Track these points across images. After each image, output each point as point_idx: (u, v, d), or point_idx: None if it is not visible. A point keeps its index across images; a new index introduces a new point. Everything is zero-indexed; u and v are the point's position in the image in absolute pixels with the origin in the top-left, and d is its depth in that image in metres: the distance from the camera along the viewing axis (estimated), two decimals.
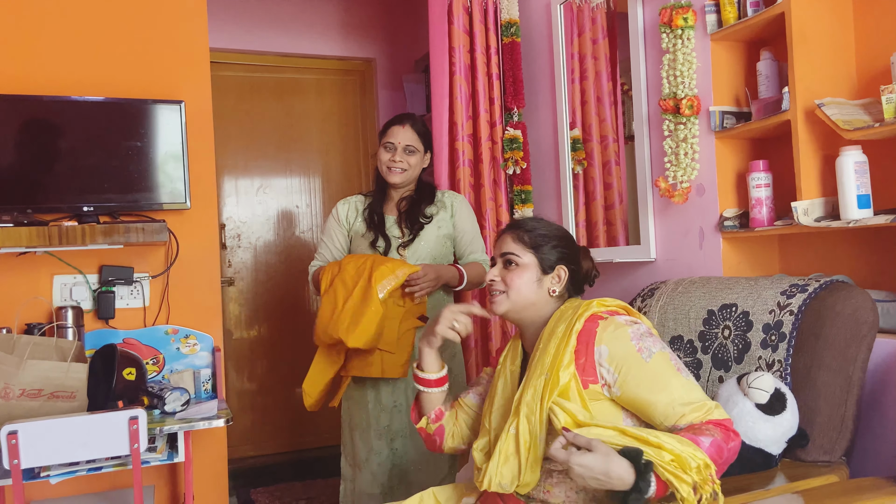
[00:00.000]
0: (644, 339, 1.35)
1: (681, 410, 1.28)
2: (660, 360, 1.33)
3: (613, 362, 1.34)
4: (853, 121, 1.71)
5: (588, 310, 1.42)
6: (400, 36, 4.28)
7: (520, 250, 1.51)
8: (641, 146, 2.41)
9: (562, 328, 1.42)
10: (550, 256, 1.51)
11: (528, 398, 1.38)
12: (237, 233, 4.03)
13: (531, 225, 1.55)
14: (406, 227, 2.29)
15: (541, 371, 1.38)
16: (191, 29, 2.62)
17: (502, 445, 1.39)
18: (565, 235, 1.56)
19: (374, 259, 2.17)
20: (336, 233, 2.36)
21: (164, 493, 2.56)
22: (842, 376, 1.53)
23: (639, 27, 2.40)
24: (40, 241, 2.22)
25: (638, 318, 1.45)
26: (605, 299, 1.47)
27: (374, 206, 2.34)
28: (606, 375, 1.35)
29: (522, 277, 1.50)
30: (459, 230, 2.35)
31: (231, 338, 3.97)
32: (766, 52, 2.00)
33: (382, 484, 2.25)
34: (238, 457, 3.84)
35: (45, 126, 2.38)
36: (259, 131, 4.08)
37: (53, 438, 1.85)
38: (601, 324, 1.39)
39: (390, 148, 2.31)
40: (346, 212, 2.37)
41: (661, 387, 1.31)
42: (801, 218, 1.80)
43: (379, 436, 2.25)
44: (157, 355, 2.52)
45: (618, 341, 1.35)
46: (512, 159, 2.85)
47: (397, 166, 2.29)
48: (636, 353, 1.33)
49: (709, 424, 1.26)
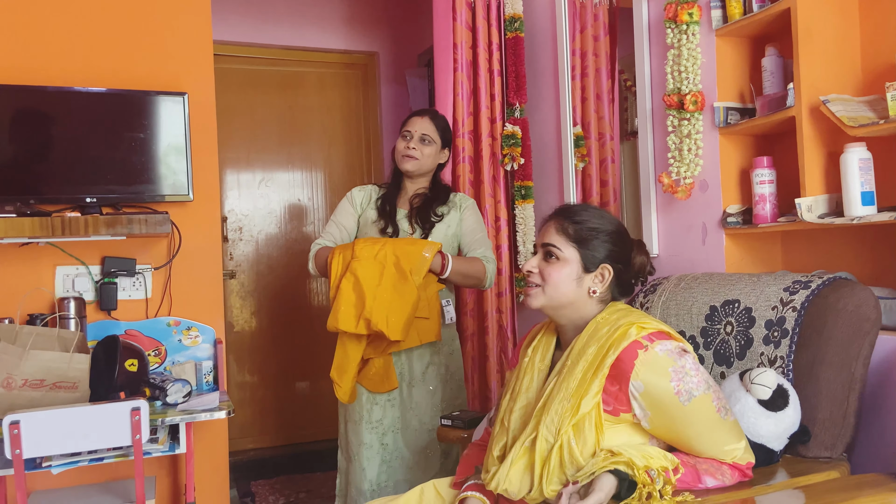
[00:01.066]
0: (686, 378, 1.27)
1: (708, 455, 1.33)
2: (699, 405, 1.27)
3: (647, 399, 1.28)
4: (858, 117, 1.71)
5: (625, 338, 1.31)
6: (403, 30, 4.28)
7: (562, 243, 1.41)
8: (645, 142, 2.41)
9: (593, 349, 1.33)
10: (596, 254, 1.40)
11: (547, 420, 1.33)
12: (239, 226, 4.03)
13: (581, 216, 1.43)
14: (417, 224, 2.29)
15: (565, 394, 1.32)
16: (195, 21, 2.62)
17: (516, 456, 1.35)
18: (617, 230, 1.44)
19: (390, 243, 2.16)
20: (347, 214, 2.35)
21: (165, 485, 2.57)
22: (844, 373, 1.53)
23: (643, 22, 2.39)
24: (43, 232, 2.22)
25: (680, 342, 1.34)
26: (644, 319, 1.35)
27: (387, 196, 2.34)
28: (638, 410, 1.30)
29: (561, 273, 1.40)
30: (465, 228, 2.34)
31: (232, 330, 3.98)
32: (771, 48, 2.00)
33: (371, 480, 2.24)
34: (239, 449, 3.85)
35: (49, 117, 2.38)
36: (261, 124, 4.08)
37: (55, 429, 1.85)
38: (640, 356, 1.28)
39: (407, 136, 2.32)
40: (361, 198, 2.37)
41: (694, 433, 1.30)
42: (804, 214, 1.79)
43: (371, 429, 2.25)
44: (158, 347, 2.52)
45: (656, 380, 1.27)
46: (509, 155, 2.85)
47: (411, 153, 2.29)
48: (673, 395, 1.26)
49: (724, 466, 1.32)
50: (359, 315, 2.10)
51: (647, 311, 1.93)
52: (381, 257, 2.13)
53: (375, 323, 2.07)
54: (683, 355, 1.30)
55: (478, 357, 2.91)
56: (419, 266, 2.12)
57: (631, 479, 1.24)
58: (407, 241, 2.19)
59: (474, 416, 2.11)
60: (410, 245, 2.16)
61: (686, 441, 1.32)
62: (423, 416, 2.27)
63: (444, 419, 2.14)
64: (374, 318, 2.07)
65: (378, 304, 2.08)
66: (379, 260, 2.12)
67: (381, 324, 2.07)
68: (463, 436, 2.05)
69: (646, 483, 1.24)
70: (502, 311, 2.88)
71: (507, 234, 2.90)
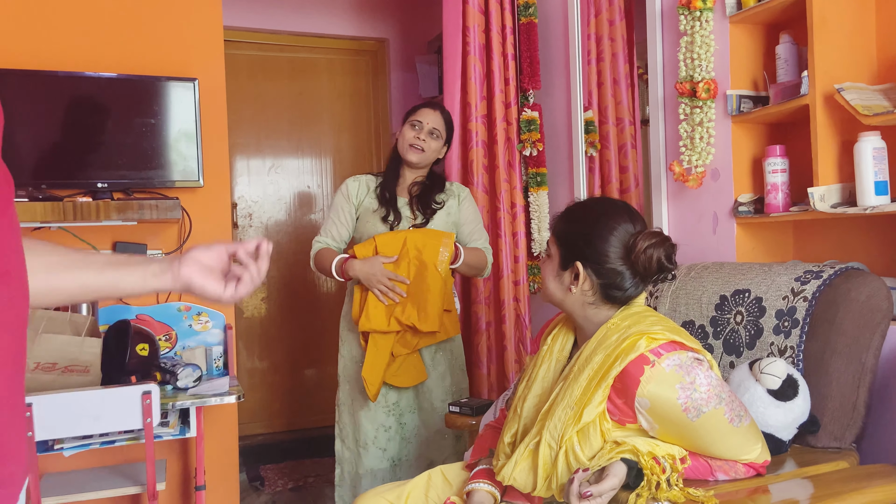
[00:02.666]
0: (695, 394, 1.22)
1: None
2: (710, 419, 1.24)
3: (654, 415, 1.26)
4: (873, 106, 1.69)
5: (633, 350, 1.25)
6: (413, 16, 4.25)
7: (552, 240, 1.42)
8: (656, 130, 2.39)
9: (599, 358, 1.30)
10: (570, 251, 1.37)
11: (550, 426, 1.31)
12: (248, 212, 4.04)
13: (575, 213, 1.41)
14: (418, 210, 2.31)
15: (569, 401, 1.30)
16: (205, 6, 2.61)
17: (520, 456, 1.35)
18: (593, 228, 1.35)
19: (410, 237, 2.20)
20: (343, 209, 2.35)
21: (175, 468, 2.59)
22: (854, 363, 1.52)
23: (656, 9, 2.37)
24: (55, 217, 2.24)
25: (694, 350, 1.28)
26: (655, 328, 1.28)
27: (386, 184, 2.34)
28: (645, 423, 1.28)
29: (546, 269, 1.42)
30: (463, 219, 2.37)
31: (242, 316, 4.00)
32: (785, 35, 1.98)
33: (392, 458, 2.31)
34: (248, 434, 3.88)
35: (60, 102, 2.39)
36: (271, 111, 4.08)
37: (67, 411, 1.87)
38: (647, 372, 1.23)
39: (416, 126, 2.31)
40: (356, 189, 2.36)
41: (707, 443, 1.28)
42: (817, 204, 1.78)
43: (388, 412, 2.30)
44: (169, 332, 2.54)
45: (663, 398, 1.23)
46: (529, 141, 2.84)
47: (419, 145, 2.29)
48: (681, 412, 1.23)
49: (738, 464, 1.31)
50: (390, 313, 2.17)
51: (657, 300, 1.93)
52: (405, 252, 2.18)
53: (408, 317, 2.14)
54: (694, 367, 1.24)
55: (495, 347, 2.89)
56: (440, 258, 2.18)
57: (639, 469, 1.24)
58: (424, 234, 2.22)
59: (482, 403, 2.12)
60: (429, 238, 2.20)
61: (698, 449, 1.31)
62: (435, 401, 2.33)
63: (452, 406, 2.16)
64: (406, 314, 2.14)
65: (409, 299, 2.16)
66: (403, 255, 2.18)
67: (414, 318, 2.14)
68: (471, 422, 2.06)
69: (653, 469, 1.24)
70: (519, 299, 2.87)
71: (523, 220, 2.89)
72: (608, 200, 1.52)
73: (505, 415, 1.63)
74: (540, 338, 1.57)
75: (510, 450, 1.42)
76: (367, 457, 2.31)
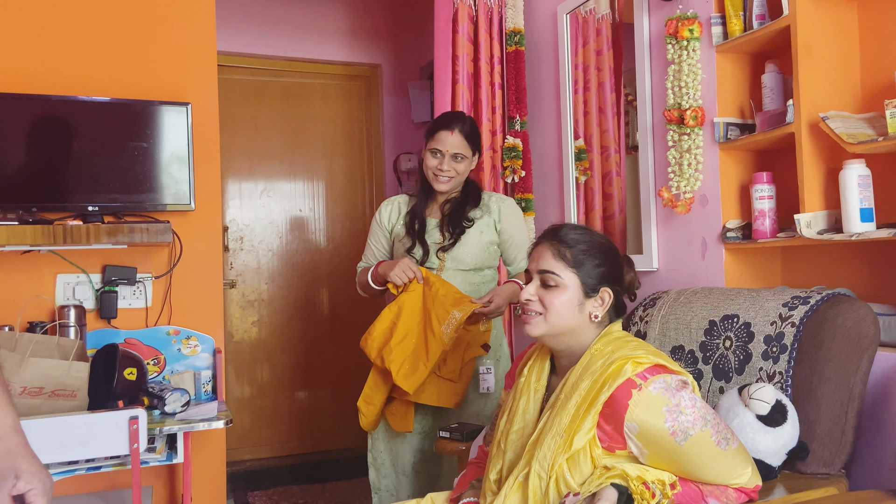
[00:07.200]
0: (681, 417, 1.23)
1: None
2: (697, 442, 1.24)
3: (643, 440, 1.26)
4: (857, 134, 1.72)
5: (620, 374, 1.26)
6: (406, 43, 4.30)
7: (560, 269, 1.36)
8: (645, 156, 2.42)
9: (586, 384, 1.30)
10: (594, 277, 1.36)
11: (539, 455, 1.30)
12: (240, 235, 4.04)
13: (573, 237, 1.38)
14: (448, 231, 2.19)
15: (557, 429, 1.30)
16: (199, 31, 2.64)
17: (509, 490, 1.32)
18: (609, 249, 1.41)
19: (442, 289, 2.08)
20: (378, 235, 2.30)
21: (162, 494, 2.56)
22: (842, 389, 1.53)
23: (644, 38, 2.41)
24: (45, 240, 2.23)
25: (678, 373, 1.30)
26: (639, 352, 1.30)
27: (417, 208, 2.24)
28: (634, 448, 1.28)
29: (562, 299, 1.36)
30: (506, 236, 2.24)
31: (232, 340, 3.98)
32: (771, 64, 2.01)
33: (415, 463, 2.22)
34: (236, 459, 3.84)
35: (52, 125, 2.39)
36: (264, 135, 4.09)
37: (53, 436, 1.85)
38: (634, 396, 1.24)
39: (437, 155, 2.17)
40: (388, 213, 2.29)
41: (696, 468, 1.28)
42: (803, 230, 1.80)
43: (423, 437, 2.23)
44: (158, 356, 2.52)
45: (651, 421, 1.24)
46: (511, 168, 2.86)
47: (444, 175, 2.16)
48: (668, 436, 1.23)
49: (729, 489, 1.31)
50: (381, 347, 2.06)
51: (647, 325, 1.93)
52: (427, 302, 2.05)
53: (388, 363, 2.01)
54: (680, 390, 1.26)
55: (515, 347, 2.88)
56: (446, 322, 2.02)
57: (629, 494, 1.24)
58: (448, 292, 2.08)
59: (473, 429, 2.11)
60: (448, 300, 2.05)
61: (688, 474, 1.30)
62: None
63: (442, 431, 2.14)
64: (388, 359, 2.02)
65: (401, 347, 2.03)
66: (424, 304, 2.05)
67: (394, 368, 2.01)
68: (461, 448, 2.04)
69: (643, 494, 1.23)
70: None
71: None
72: (588, 228, 1.53)
73: (485, 451, 1.61)
74: (514, 371, 1.56)
75: (497, 487, 1.39)
76: (409, 481, 2.22)
